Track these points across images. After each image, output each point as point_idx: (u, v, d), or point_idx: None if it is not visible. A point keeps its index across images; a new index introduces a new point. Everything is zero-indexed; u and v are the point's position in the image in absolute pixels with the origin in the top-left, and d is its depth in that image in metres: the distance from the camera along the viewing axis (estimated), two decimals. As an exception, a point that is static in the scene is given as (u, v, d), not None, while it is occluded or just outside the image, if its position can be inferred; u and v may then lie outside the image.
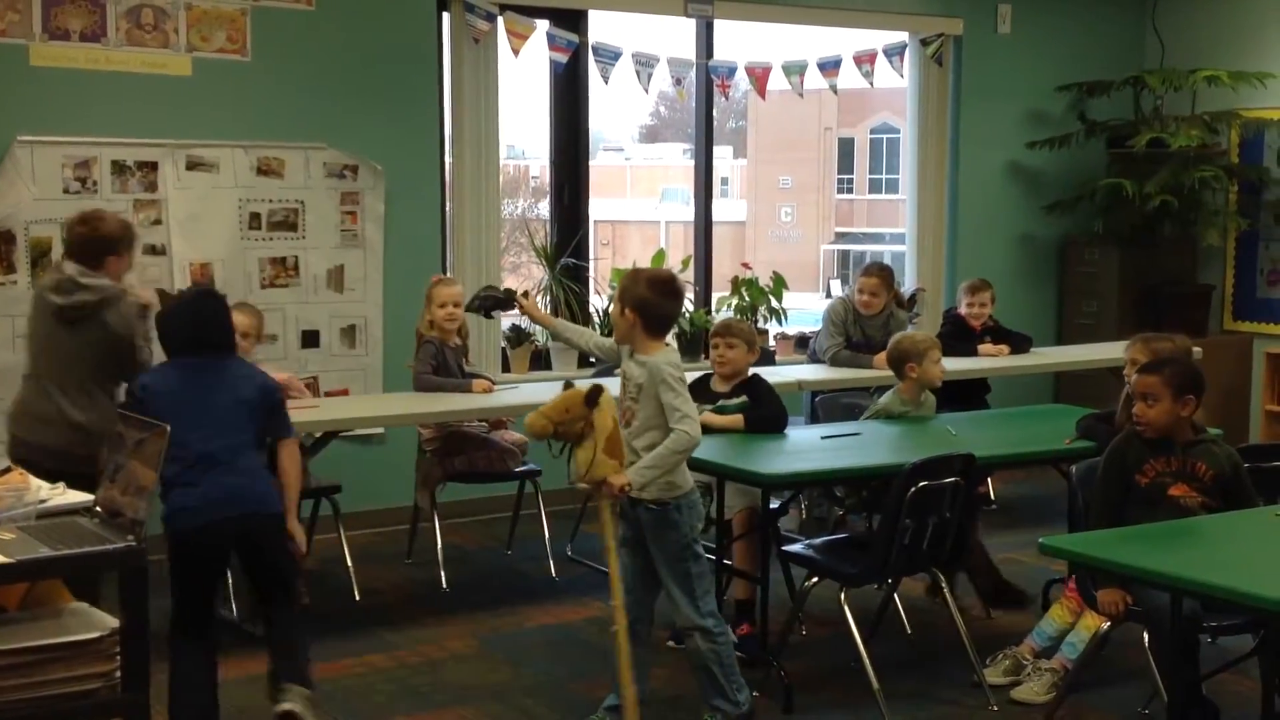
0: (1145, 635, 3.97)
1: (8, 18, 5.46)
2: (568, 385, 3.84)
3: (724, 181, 28.50)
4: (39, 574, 2.80)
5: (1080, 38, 8.24)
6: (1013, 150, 8.13)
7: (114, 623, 2.79)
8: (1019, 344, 6.80)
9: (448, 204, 6.59)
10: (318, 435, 5.13)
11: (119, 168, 5.68)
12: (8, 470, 3.16)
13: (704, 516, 4.09)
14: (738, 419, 4.80)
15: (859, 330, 6.38)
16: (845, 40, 7.59)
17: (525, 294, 4.67)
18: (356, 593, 5.32)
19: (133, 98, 5.71)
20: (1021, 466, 6.31)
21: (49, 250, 5.53)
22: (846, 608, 4.22)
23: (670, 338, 4.23)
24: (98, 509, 2.95)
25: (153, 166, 5.75)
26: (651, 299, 3.86)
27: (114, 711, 2.78)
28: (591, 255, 7.39)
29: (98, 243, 4.41)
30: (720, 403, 4.87)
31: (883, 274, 6.46)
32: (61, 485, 3.13)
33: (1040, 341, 7.25)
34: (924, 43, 7.73)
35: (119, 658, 2.76)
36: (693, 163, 7.92)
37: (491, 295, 4.95)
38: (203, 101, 5.84)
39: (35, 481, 3.09)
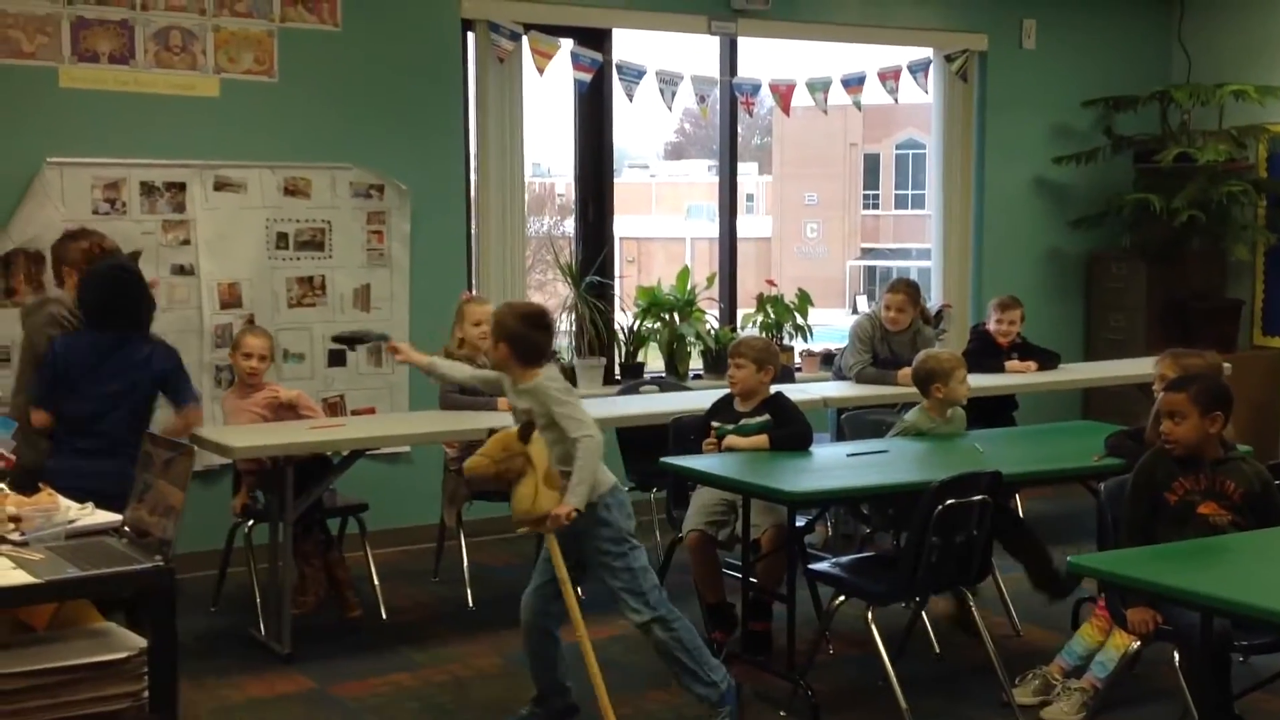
0: (1176, 654, 3.93)
1: (37, 40, 5.52)
2: (491, 433, 3.92)
3: (749, 198, 28.53)
4: (67, 594, 2.82)
5: (1106, 52, 8.22)
6: (1039, 165, 8.11)
7: (141, 643, 2.80)
8: (1046, 360, 6.76)
9: (473, 222, 6.61)
10: (344, 453, 5.14)
11: (147, 189, 5.73)
12: (37, 490, 3.18)
13: (632, 513, 4.12)
14: (762, 439, 4.79)
15: (886, 347, 6.36)
16: (870, 56, 7.59)
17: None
18: (383, 611, 5.33)
19: (161, 119, 5.75)
20: (1049, 484, 6.27)
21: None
22: (874, 626, 4.20)
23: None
24: (126, 529, 2.96)
25: (181, 187, 5.79)
26: (522, 331, 4.01)
27: (141, 731, 2.79)
28: (617, 272, 7.40)
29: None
30: (742, 422, 4.86)
31: (909, 290, 6.43)
32: (90, 505, 3.15)
33: (1068, 358, 7.20)
34: (949, 58, 7.73)
35: (146, 678, 2.77)
36: (716, 179, 7.92)
37: (360, 334, 5.30)
38: (230, 122, 5.89)
39: (64, 502, 3.11)
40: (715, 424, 4.88)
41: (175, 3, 5.74)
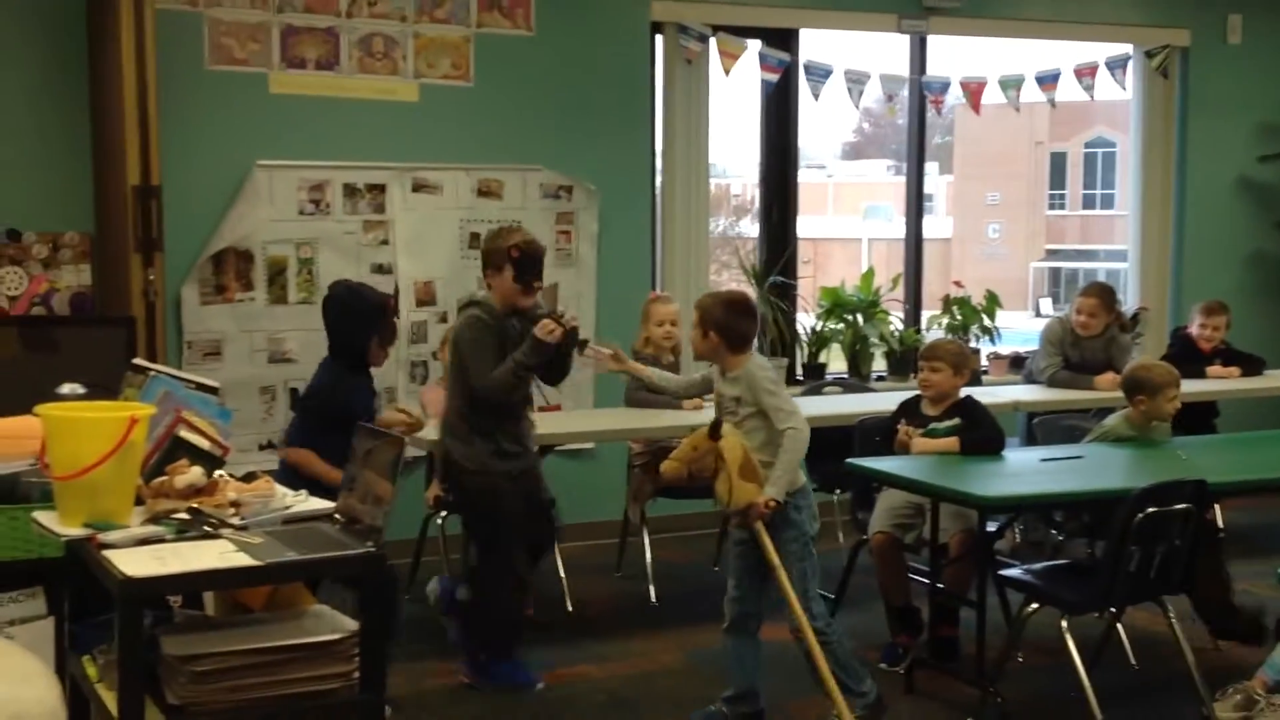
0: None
1: (249, 48, 5.77)
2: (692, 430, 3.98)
3: (929, 197, 28.05)
4: (286, 577, 2.94)
5: (1316, 45, 7.86)
6: (1243, 164, 7.80)
7: (354, 625, 2.90)
8: (1251, 366, 6.51)
9: (658, 222, 6.67)
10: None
11: (350, 190, 5.94)
12: (255, 476, 3.32)
13: (818, 515, 4.13)
14: (952, 442, 4.73)
15: (1077, 351, 6.20)
16: (1064, 52, 7.41)
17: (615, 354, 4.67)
18: (569, 604, 5.42)
19: (363, 123, 5.96)
20: (1255, 494, 6.01)
21: (284, 269, 5.83)
22: (1068, 635, 4.10)
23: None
24: (338, 516, 3.08)
25: (381, 189, 5.99)
26: (729, 319, 4.05)
27: (352, 711, 2.89)
28: (796, 273, 7.38)
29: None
30: (931, 426, 4.80)
31: (1102, 294, 6.24)
32: (304, 492, 3.28)
33: (1274, 363, 6.92)
34: (1149, 54, 7.49)
35: (357, 659, 2.88)
36: (896, 179, 7.89)
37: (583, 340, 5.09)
38: (428, 126, 6.06)
39: (280, 489, 3.24)
40: (903, 425, 4.83)
41: (378, 10, 5.95)
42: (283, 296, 5.84)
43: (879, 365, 7.29)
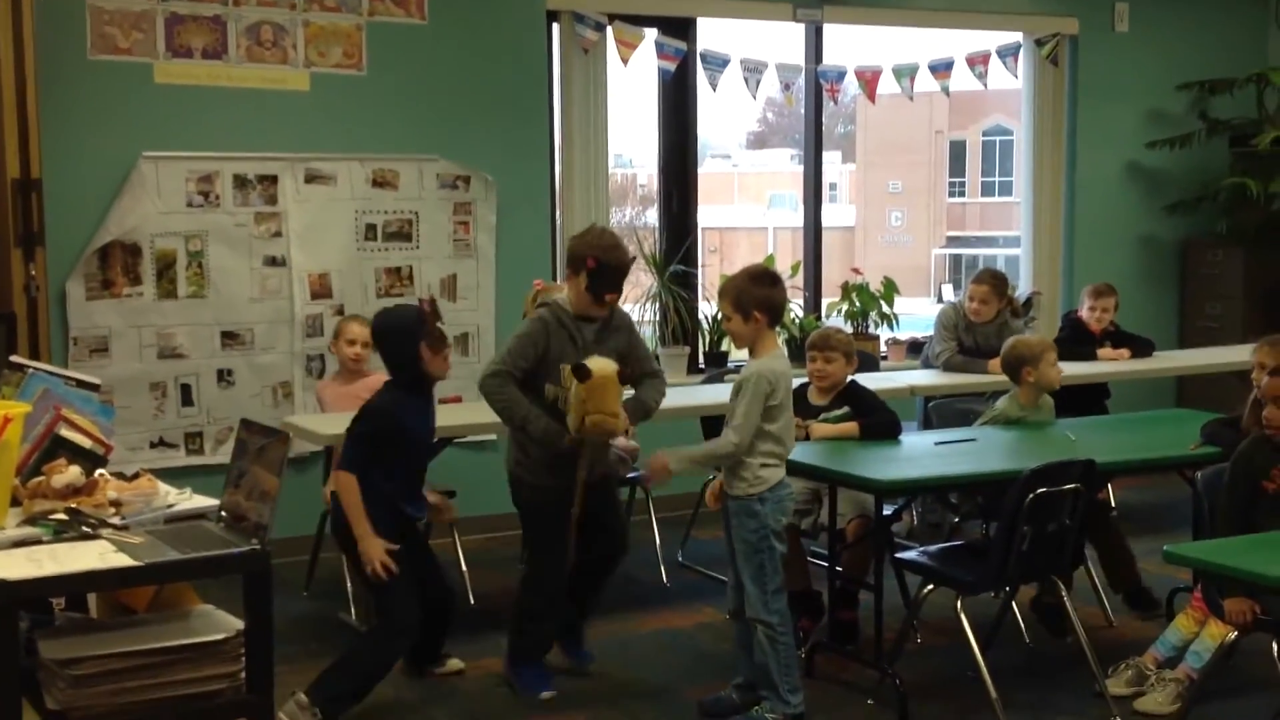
0: (1275, 645, 3.85)
1: (133, 37, 5.63)
2: (581, 372, 4.02)
3: (832, 187, 28.32)
4: (166, 577, 2.88)
5: (1200, 35, 8.04)
6: (1132, 150, 7.96)
7: (239, 625, 2.85)
8: (1140, 348, 6.65)
9: (558, 213, 6.64)
10: (432, 441, 5.20)
11: (240, 181, 5.83)
12: (136, 475, 3.25)
13: (789, 512, 4.14)
14: (852, 426, 4.76)
15: (970, 336, 6.29)
16: (957, 42, 7.50)
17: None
18: (471, 596, 5.38)
19: (253, 113, 5.85)
20: (1144, 473, 6.16)
21: (173, 263, 5.70)
22: (963, 616, 4.15)
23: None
24: (223, 514, 3.02)
25: (273, 180, 5.89)
26: (770, 294, 3.98)
27: (238, 712, 2.84)
28: (700, 262, 7.40)
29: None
30: (821, 416, 4.83)
31: (993, 281, 6.33)
32: (188, 490, 3.22)
33: (1162, 345, 7.08)
34: (1039, 43, 7.61)
35: (244, 659, 2.83)
36: (800, 168, 7.88)
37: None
38: (320, 116, 5.97)
39: (163, 487, 3.18)
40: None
41: (266, -2, 5.84)
42: (172, 291, 5.72)
43: (780, 349, 7.31)
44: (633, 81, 7.17)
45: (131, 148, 5.62)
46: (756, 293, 3.94)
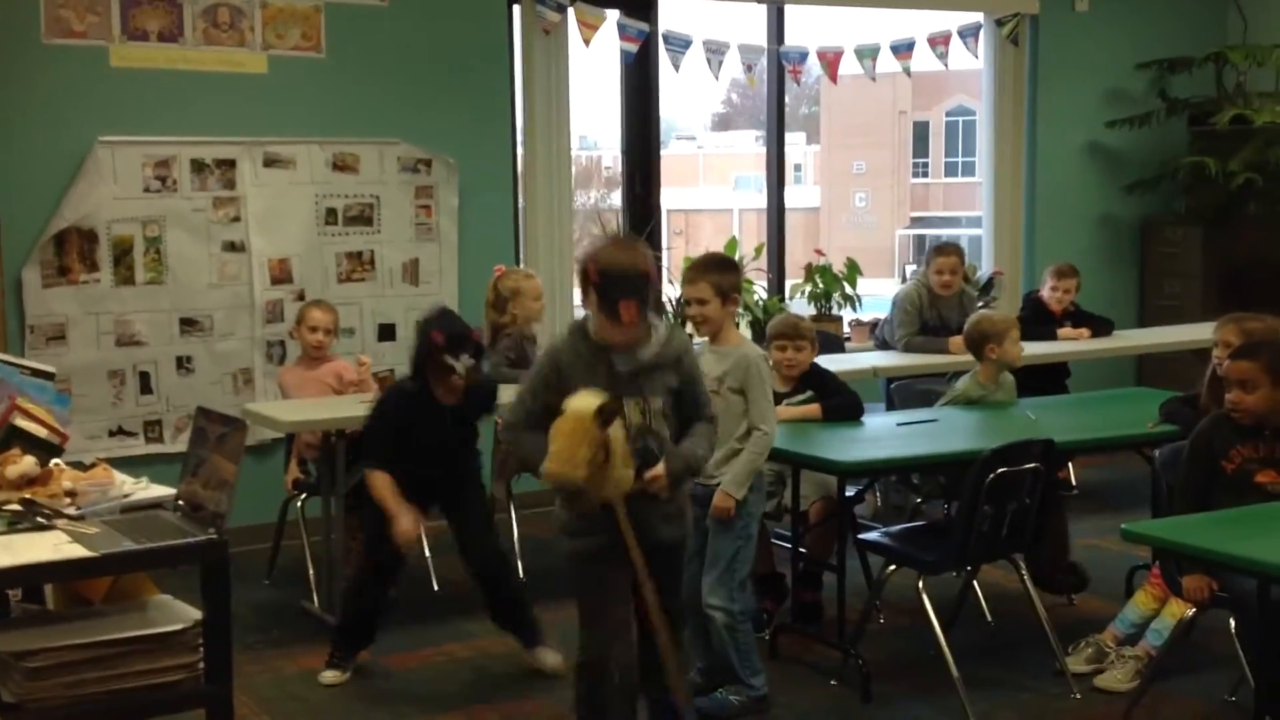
0: (1232, 622, 3.89)
1: (88, 20, 5.56)
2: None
3: (797, 168, 28.33)
4: (122, 568, 2.85)
5: (1160, 14, 8.08)
6: (1092, 130, 8.00)
7: (196, 615, 2.83)
8: (1100, 327, 6.69)
9: (520, 196, 6.61)
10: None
11: (198, 166, 5.77)
12: (93, 465, 3.22)
13: (768, 497, 4.12)
14: (814, 408, 4.77)
15: (935, 314, 6.31)
16: (919, 22, 7.50)
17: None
18: (435, 582, 5.37)
19: (210, 96, 5.79)
20: (1103, 452, 6.20)
21: (130, 249, 5.64)
22: (925, 596, 4.17)
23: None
24: (180, 503, 3.00)
25: (231, 164, 5.83)
26: (739, 280, 4.00)
27: (197, 703, 2.82)
28: (665, 244, 7.38)
29: None
30: (785, 403, 4.82)
31: (959, 252, 6.42)
32: (144, 479, 3.19)
33: (1122, 324, 7.13)
34: (999, 23, 7.62)
35: (202, 649, 2.81)
36: (765, 150, 7.88)
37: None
38: (279, 99, 5.91)
39: (119, 476, 3.15)
40: None
41: (222, -20, 5.78)
42: (130, 277, 5.66)
43: (744, 333, 7.32)
44: (595, 63, 7.15)
45: (87, 132, 5.55)
46: (734, 277, 3.97)
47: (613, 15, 6.64)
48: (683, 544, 3.67)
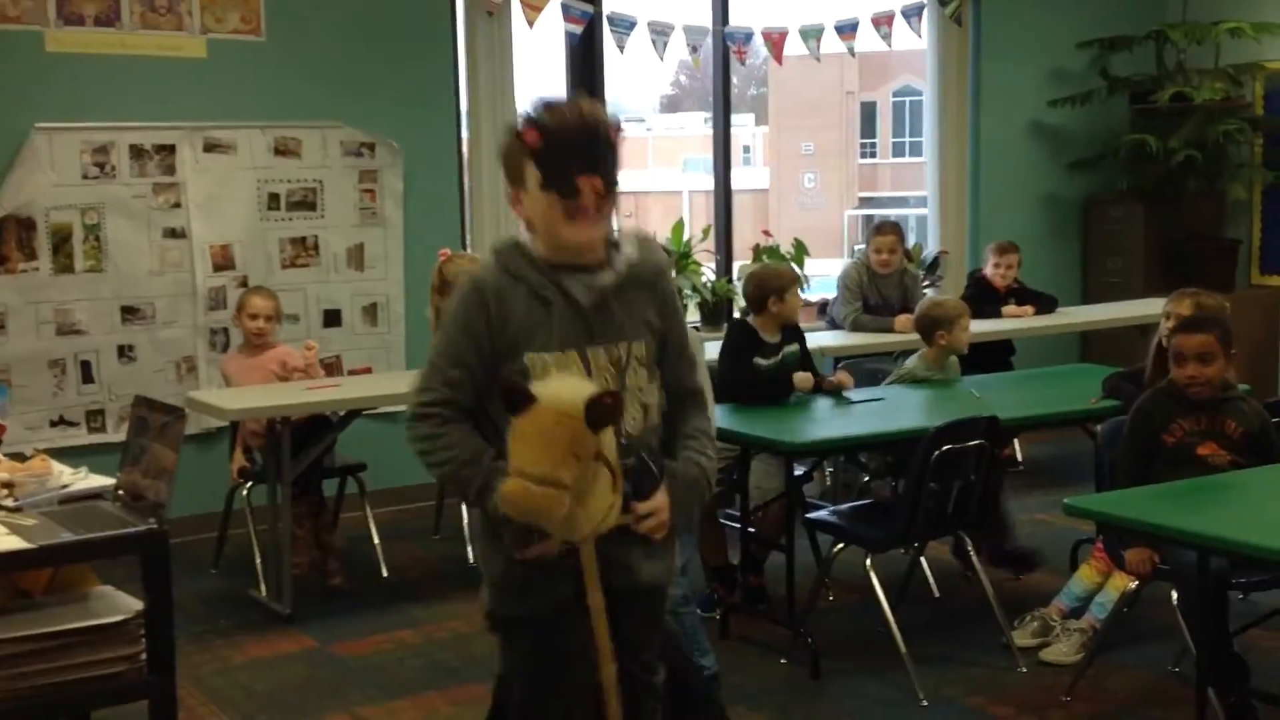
0: (1174, 593, 3.94)
1: (22, 4, 5.46)
2: (514, 399, 2.26)
3: (746, 149, 28.40)
4: (61, 559, 2.82)
5: (1101, -8, 8.15)
6: (1034, 109, 8.05)
7: (138, 605, 2.80)
8: (1044, 304, 6.76)
9: (466, 179, 6.57)
10: (342, 414, 5.15)
11: (137, 152, 5.69)
12: (32, 456, 3.18)
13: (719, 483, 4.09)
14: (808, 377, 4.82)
15: (876, 292, 6.35)
16: (863, 2, 7.52)
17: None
18: (384, 569, 5.35)
19: (148, 81, 5.71)
20: (1047, 428, 6.26)
21: (69, 236, 5.56)
22: (872, 573, 4.20)
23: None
24: (120, 493, 2.96)
25: (170, 150, 5.75)
26: None
27: (140, 694, 2.80)
28: (614, 227, 7.35)
29: None
30: (783, 352, 4.81)
31: (897, 230, 6.47)
32: (84, 470, 3.15)
33: (1065, 301, 7.19)
34: (942, 2, 7.65)
35: (144, 640, 2.78)
36: (713, 131, 7.87)
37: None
38: (218, 83, 5.84)
39: (58, 467, 3.11)
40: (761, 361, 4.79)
41: (158, -37, 5.69)
42: (69, 265, 5.58)
43: (692, 316, 7.33)
44: (540, 45, 7.11)
45: (23, 119, 5.46)
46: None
47: (557, -4, 6.60)
48: (666, 585, 2.60)
